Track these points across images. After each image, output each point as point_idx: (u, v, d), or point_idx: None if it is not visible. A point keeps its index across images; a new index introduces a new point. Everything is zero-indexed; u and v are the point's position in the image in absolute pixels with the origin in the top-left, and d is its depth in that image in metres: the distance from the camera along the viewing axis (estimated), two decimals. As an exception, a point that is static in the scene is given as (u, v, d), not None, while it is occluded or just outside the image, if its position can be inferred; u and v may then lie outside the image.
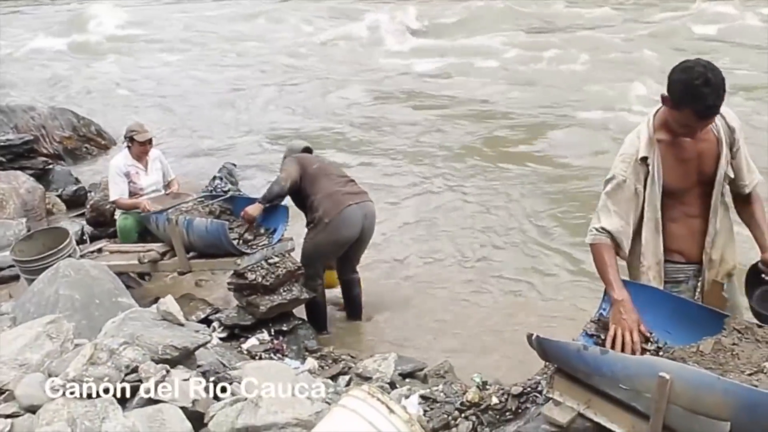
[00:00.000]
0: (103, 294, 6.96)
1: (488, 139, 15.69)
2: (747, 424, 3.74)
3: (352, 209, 8.25)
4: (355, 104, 18.53)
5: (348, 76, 21.25)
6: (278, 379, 5.53)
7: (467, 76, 20.75)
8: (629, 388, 4.12)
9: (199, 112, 18.73)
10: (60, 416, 4.55)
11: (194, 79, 22.06)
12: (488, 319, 8.89)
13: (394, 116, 17.48)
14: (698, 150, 4.67)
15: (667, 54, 19.54)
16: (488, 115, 17.36)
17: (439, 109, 17.96)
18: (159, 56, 25.73)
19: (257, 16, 31.80)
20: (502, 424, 4.91)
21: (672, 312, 4.66)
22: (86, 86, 21.77)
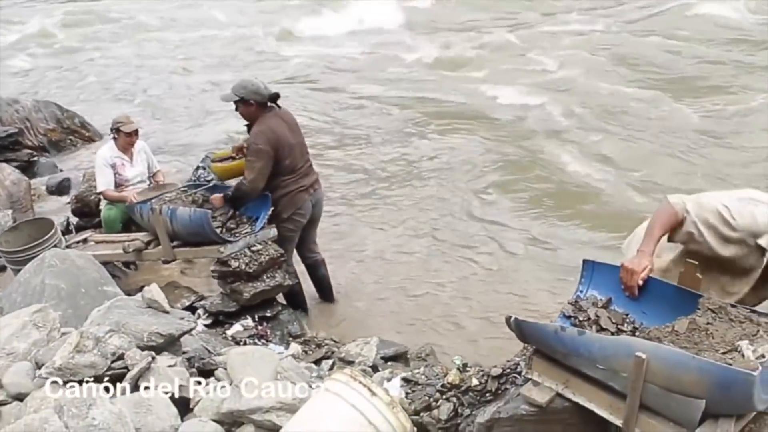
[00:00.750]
0: (88, 283, 6.96)
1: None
2: (721, 401, 3.77)
3: (306, 204, 8.38)
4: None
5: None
6: (262, 364, 5.56)
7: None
8: (606, 367, 4.13)
9: (180, 101, 18.67)
10: (47, 403, 4.56)
11: (174, 70, 21.98)
12: (468, 303, 8.90)
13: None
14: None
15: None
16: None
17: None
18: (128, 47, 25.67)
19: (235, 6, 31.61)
20: (482, 405, 4.92)
21: (648, 293, 4.68)
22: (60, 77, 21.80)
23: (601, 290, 4.85)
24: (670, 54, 19.04)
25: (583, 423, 4.59)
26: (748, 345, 3.96)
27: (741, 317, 4.26)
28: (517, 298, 8.88)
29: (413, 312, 8.86)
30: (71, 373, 4.72)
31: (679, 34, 20.45)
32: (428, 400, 5.09)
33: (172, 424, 4.69)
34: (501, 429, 4.65)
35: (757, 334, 4.09)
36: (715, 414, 3.86)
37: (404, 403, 5.04)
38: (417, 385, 5.33)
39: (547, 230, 10.48)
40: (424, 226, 11.14)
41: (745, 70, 17.19)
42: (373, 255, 10.36)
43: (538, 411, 4.54)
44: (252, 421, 4.70)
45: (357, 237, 10.87)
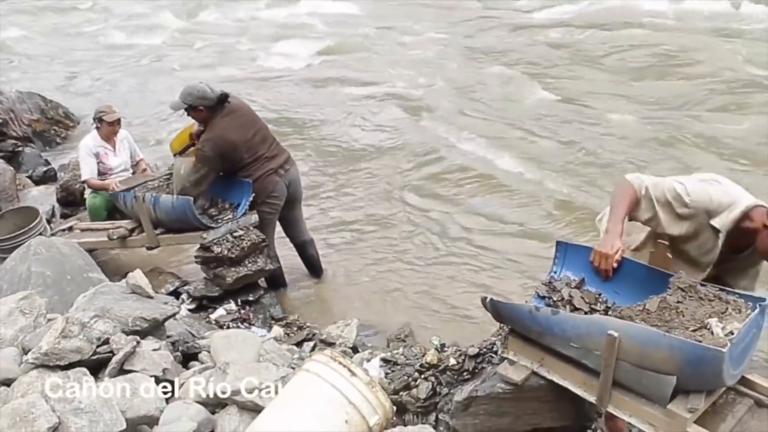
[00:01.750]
0: (74, 270, 6.94)
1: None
2: (691, 377, 3.81)
3: (278, 186, 8.27)
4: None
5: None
6: (245, 347, 5.56)
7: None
8: (580, 346, 4.16)
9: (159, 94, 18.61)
10: (34, 388, 4.54)
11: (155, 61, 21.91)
12: (446, 285, 8.90)
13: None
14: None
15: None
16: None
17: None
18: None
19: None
20: (459, 383, 4.94)
21: (620, 272, 4.69)
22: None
23: (574, 270, 4.87)
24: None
25: (557, 400, 4.62)
26: (717, 322, 3.98)
27: (710, 296, 4.28)
28: (494, 279, 8.88)
29: (392, 294, 8.85)
30: (57, 358, 4.70)
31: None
32: (407, 379, 5.10)
33: (157, 406, 4.66)
34: (478, 407, 4.67)
35: (726, 312, 4.11)
36: (686, 390, 3.89)
37: (384, 382, 5.06)
38: (396, 365, 5.34)
39: (521, 216, 10.48)
40: (397, 210, 11.17)
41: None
42: (352, 240, 10.35)
43: (514, 389, 4.57)
44: (235, 402, 4.68)
45: (332, 221, 10.85)
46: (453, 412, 4.75)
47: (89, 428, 4.26)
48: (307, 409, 4.06)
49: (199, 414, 4.62)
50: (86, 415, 4.32)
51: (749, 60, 16.45)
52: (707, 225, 4.50)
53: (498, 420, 4.68)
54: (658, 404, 3.94)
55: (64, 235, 8.99)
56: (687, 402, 3.86)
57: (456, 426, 4.75)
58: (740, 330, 3.88)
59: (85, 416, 4.31)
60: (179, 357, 5.62)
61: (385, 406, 4.20)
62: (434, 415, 4.95)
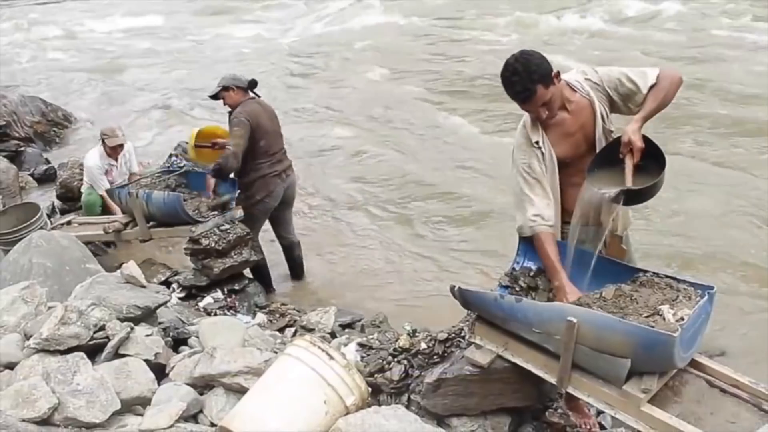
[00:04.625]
0: (72, 261, 6.92)
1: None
2: (645, 360, 3.82)
3: (277, 189, 8.31)
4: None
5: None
6: (231, 333, 5.54)
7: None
8: (541, 331, 4.15)
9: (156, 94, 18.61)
10: (35, 371, 4.54)
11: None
12: (418, 275, 8.93)
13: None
14: (580, 122, 4.65)
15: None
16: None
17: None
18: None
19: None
20: (430, 366, 4.91)
21: (577, 262, 4.69)
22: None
23: (534, 262, 4.84)
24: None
25: (521, 381, 4.61)
26: (669, 309, 3.99)
27: (662, 284, 4.29)
28: (462, 269, 8.89)
29: (368, 284, 8.88)
30: (57, 343, 4.68)
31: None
32: (381, 362, 5.07)
33: (149, 388, 4.67)
34: (447, 388, 4.65)
35: (677, 299, 4.12)
36: (640, 371, 3.90)
37: (360, 365, 5.03)
38: (371, 349, 5.31)
39: (488, 209, 10.48)
40: (371, 201, 11.30)
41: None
42: (330, 232, 10.37)
43: (480, 371, 4.55)
44: (222, 384, 4.68)
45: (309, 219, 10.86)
46: (424, 393, 4.74)
47: (86, 408, 4.27)
48: (289, 390, 4.06)
49: (189, 395, 4.62)
50: (84, 396, 4.33)
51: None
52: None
53: (465, 400, 4.66)
54: (614, 385, 3.93)
55: (63, 229, 9.00)
56: (641, 383, 3.86)
57: (426, 406, 4.73)
58: (690, 316, 3.89)
59: (82, 397, 4.32)
60: (170, 342, 5.60)
61: (361, 387, 4.20)
62: (406, 395, 4.92)
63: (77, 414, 4.22)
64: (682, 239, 8.99)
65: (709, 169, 11.07)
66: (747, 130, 12.43)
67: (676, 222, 9.47)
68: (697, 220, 9.46)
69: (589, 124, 4.63)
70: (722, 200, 9.95)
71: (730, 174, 10.83)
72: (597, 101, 4.60)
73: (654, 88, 4.46)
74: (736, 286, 7.88)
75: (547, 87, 4.38)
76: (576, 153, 4.68)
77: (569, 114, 4.60)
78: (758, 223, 9.20)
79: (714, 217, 9.49)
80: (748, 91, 14.38)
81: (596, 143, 4.65)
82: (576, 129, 4.64)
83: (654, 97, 4.45)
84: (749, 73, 15.50)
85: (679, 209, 9.68)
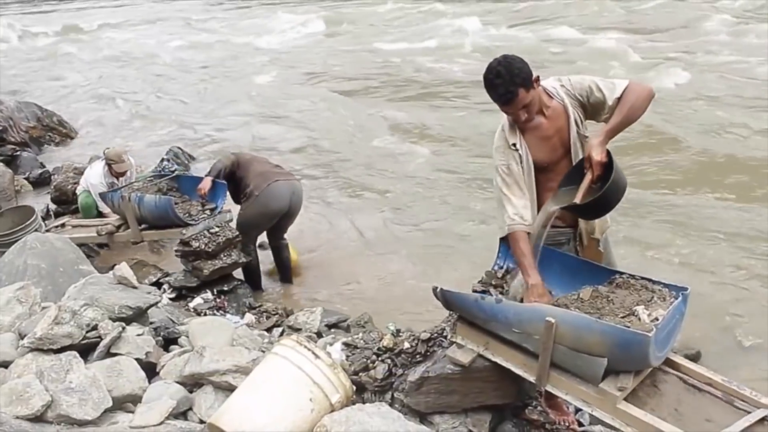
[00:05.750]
0: (66, 263, 6.93)
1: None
2: (621, 359, 3.84)
3: (279, 184, 8.22)
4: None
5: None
6: (220, 333, 5.54)
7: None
8: (521, 331, 4.16)
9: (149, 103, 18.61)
10: (29, 369, 4.56)
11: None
12: (401, 276, 8.94)
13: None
14: (556, 127, 4.66)
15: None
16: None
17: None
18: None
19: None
20: (413, 365, 4.91)
21: (556, 264, 4.71)
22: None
23: (515, 263, 4.85)
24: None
25: (501, 380, 4.62)
26: (644, 309, 4.01)
27: (638, 285, 4.32)
28: (444, 270, 8.89)
29: (354, 286, 8.87)
30: (51, 342, 4.70)
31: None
32: (366, 361, 5.07)
33: (140, 386, 4.69)
34: (430, 386, 4.66)
35: (652, 300, 4.15)
36: (616, 370, 3.91)
37: (345, 364, 5.03)
38: (356, 349, 5.31)
39: (472, 209, 10.49)
40: (358, 203, 11.33)
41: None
42: (317, 234, 10.37)
43: (461, 370, 4.56)
44: (211, 382, 4.68)
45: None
46: (407, 390, 4.74)
47: (79, 406, 4.28)
48: (276, 388, 4.07)
49: (179, 393, 4.64)
50: (76, 393, 4.34)
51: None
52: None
53: (447, 398, 4.67)
54: (591, 383, 3.95)
55: (58, 231, 9.04)
56: (617, 381, 3.88)
57: (409, 403, 4.73)
58: (665, 316, 3.92)
59: (75, 395, 4.33)
60: (161, 341, 5.61)
61: (345, 385, 4.21)
62: (390, 393, 4.92)
63: (70, 411, 4.23)
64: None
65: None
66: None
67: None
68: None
69: (564, 129, 4.64)
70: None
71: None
72: (571, 107, 4.61)
73: (620, 101, 4.46)
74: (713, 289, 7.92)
75: (528, 90, 4.38)
76: (552, 157, 4.69)
77: (546, 119, 4.61)
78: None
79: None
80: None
81: (571, 148, 4.65)
82: (552, 133, 4.64)
83: (619, 111, 4.44)
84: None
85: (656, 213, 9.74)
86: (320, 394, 4.07)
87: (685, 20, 22.16)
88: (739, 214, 9.63)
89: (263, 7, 33.90)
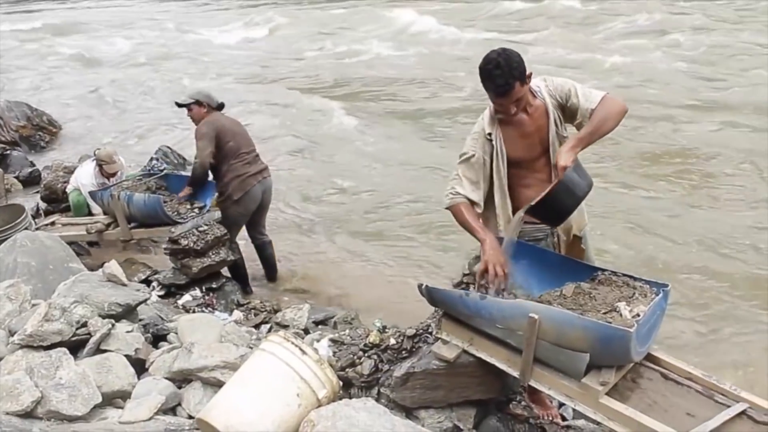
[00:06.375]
0: (56, 260, 6.89)
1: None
2: (603, 354, 3.85)
3: (254, 189, 8.27)
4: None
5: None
6: (208, 329, 5.53)
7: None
8: (504, 327, 4.16)
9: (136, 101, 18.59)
10: (20, 366, 4.52)
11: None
12: (386, 273, 8.96)
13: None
14: (537, 125, 4.67)
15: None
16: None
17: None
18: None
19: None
20: (399, 361, 4.91)
21: (537, 261, 4.73)
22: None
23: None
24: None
25: (485, 375, 4.62)
26: (626, 306, 4.03)
27: (620, 282, 4.34)
28: (429, 267, 8.91)
29: (341, 283, 8.87)
30: (41, 339, 4.67)
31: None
32: (352, 357, 5.07)
33: (129, 382, 4.67)
34: (415, 381, 4.66)
35: (633, 296, 4.16)
36: (598, 365, 3.92)
37: (331, 360, 5.03)
38: (343, 345, 5.31)
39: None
40: (340, 202, 11.40)
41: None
42: (303, 231, 10.39)
43: (446, 365, 4.56)
44: (199, 378, 4.67)
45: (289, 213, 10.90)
46: (393, 386, 4.74)
47: (68, 402, 4.25)
48: (264, 384, 4.05)
49: (167, 389, 4.61)
50: (66, 389, 4.31)
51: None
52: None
53: (433, 393, 4.67)
54: (574, 378, 3.95)
55: (47, 229, 9.03)
56: (599, 376, 3.89)
57: (395, 398, 4.73)
58: (646, 312, 3.93)
59: (65, 391, 4.30)
60: (150, 338, 5.59)
61: (332, 381, 4.20)
62: (376, 389, 4.92)
63: (59, 407, 4.20)
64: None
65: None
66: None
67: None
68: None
69: (544, 127, 4.66)
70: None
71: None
72: (552, 107, 4.63)
73: (593, 113, 4.48)
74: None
75: (522, 85, 4.39)
76: (530, 154, 4.70)
77: (528, 116, 4.62)
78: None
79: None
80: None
81: (550, 147, 4.66)
82: (533, 131, 4.66)
83: (590, 122, 4.46)
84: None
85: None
86: (307, 390, 4.06)
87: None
88: (706, 213, 9.81)
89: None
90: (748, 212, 9.66)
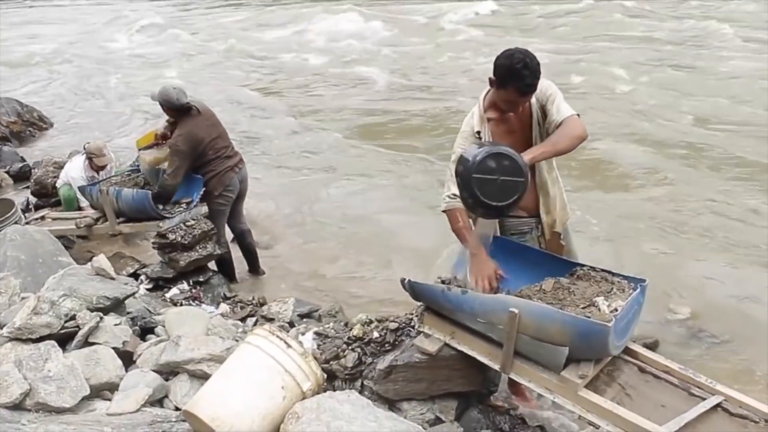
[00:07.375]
0: (45, 254, 6.88)
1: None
2: (581, 348, 3.87)
3: (233, 181, 8.28)
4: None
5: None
6: (195, 322, 5.52)
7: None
8: (485, 321, 4.18)
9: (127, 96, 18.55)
10: (8, 359, 4.49)
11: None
12: (370, 267, 8.96)
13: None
14: (521, 123, 4.68)
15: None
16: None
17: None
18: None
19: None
20: (382, 354, 4.91)
21: (518, 256, 4.74)
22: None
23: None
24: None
25: (466, 368, 4.64)
26: (604, 300, 4.04)
27: (598, 277, 4.37)
28: (412, 261, 8.88)
29: (326, 277, 8.86)
30: (29, 332, 4.64)
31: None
32: (337, 350, 5.06)
33: (117, 374, 4.65)
34: (398, 374, 4.67)
35: (611, 291, 4.19)
36: (577, 359, 3.93)
37: (316, 353, 5.03)
38: (327, 338, 5.30)
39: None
40: (323, 198, 11.34)
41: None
42: (288, 225, 10.40)
43: (428, 358, 4.57)
44: (186, 370, 4.66)
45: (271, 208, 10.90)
46: (376, 378, 4.74)
47: (57, 394, 4.23)
48: (249, 377, 4.04)
49: (155, 381, 4.60)
50: (54, 382, 4.29)
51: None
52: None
53: (415, 386, 4.68)
54: (553, 371, 3.97)
55: (37, 224, 8.96)
56: (578, 369, 3.91)
57: (378, 390, 4.74)
58: (623, 307, 3.96)
59: (53, 383, 4.28)
60: (138, 331, 5.58)
61: (316, 373, 4.20)
62: (360, 381, 4.92)
63: (48, 399, 4.18)
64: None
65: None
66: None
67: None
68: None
69: (528, 126, 4.67)
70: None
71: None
72: (535, 106, 4.63)
73: (556, 129, 4.48)
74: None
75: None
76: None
77: (515, 115, 4.62)
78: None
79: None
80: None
81: (533, 145, 4.66)
82: (518, 129, 4.68)
83: (548, 139, 4.47)
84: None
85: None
86: (292, 382, 4.06)
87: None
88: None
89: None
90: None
